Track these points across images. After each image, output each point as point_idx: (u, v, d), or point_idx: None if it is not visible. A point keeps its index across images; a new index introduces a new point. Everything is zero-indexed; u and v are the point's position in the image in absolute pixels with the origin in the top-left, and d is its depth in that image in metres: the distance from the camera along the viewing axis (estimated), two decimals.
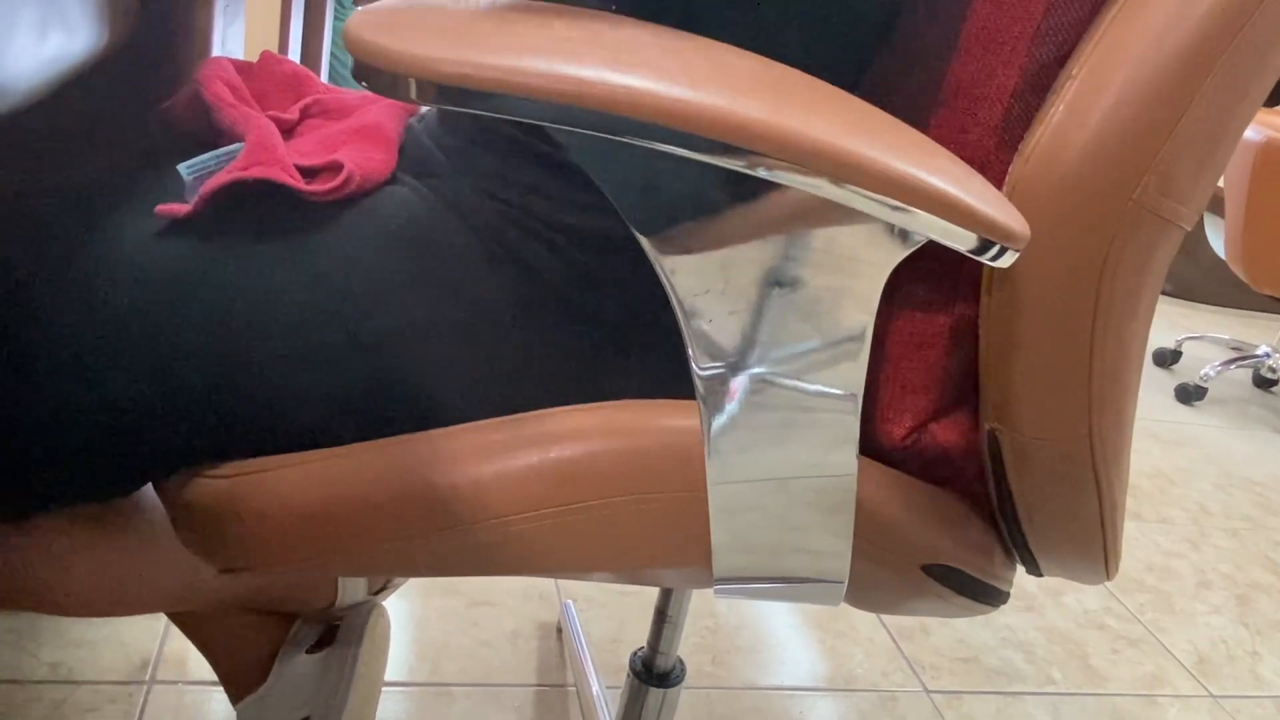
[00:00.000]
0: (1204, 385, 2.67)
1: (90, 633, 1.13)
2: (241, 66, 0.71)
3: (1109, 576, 0.64)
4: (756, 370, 0.49)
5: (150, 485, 0.58)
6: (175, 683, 1.09)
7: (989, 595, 0.64)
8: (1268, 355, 2.86)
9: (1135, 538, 1.85)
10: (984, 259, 0.43)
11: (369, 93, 0.38)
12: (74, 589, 0.65)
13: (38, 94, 0.60)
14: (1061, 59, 0.53)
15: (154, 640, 1.14)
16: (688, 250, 0.46)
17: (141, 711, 1.04)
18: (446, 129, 0.66)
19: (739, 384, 0.50)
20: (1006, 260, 0.44)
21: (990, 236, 0.43)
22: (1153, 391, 2.72)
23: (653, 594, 1.39)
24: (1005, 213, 0.43)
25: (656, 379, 0.60)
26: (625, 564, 0.57)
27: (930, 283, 0.58)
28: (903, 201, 0.42)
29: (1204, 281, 3.76)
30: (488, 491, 0.53)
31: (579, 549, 0.55)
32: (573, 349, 0.61)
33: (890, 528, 0.58)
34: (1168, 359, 2.96)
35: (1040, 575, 0.66)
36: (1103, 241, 0.52)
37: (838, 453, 0.53)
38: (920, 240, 0.45)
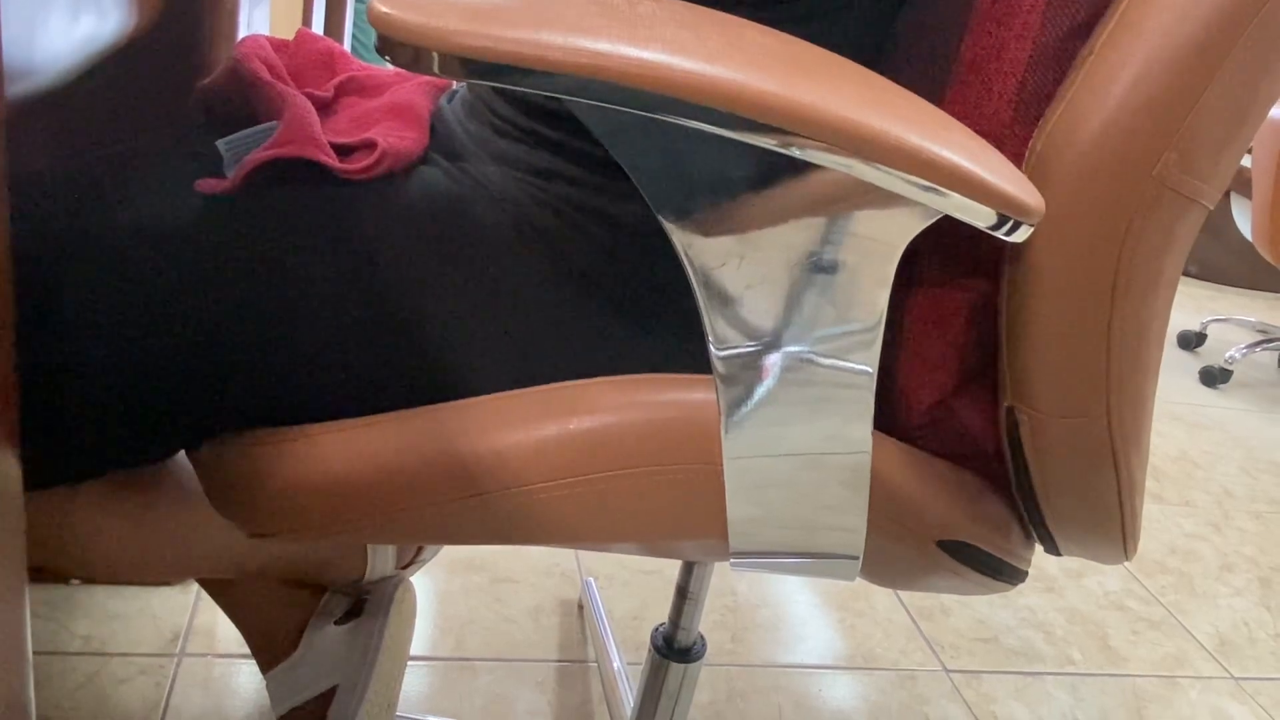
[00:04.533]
0: (1229, 368, 2.65)
1: (122, 606, 1.16)
2: (278, 44, 0.72)
3: (1127, 556, 0.64)
4: (772, 346, 0.50)
5: (183, 452, 0.60)
6: (205, 655, 1.11)
7: (1006, 573, 0.64)
8: None
9: (1158, 520, 1.84)
10: (999, 234, 0.44)
11: (402, 70, 0.39)
12: (108, 554, 0.67)
13: (71, 74, 0.61)
14: (1078, 30, 0.53)
15: (184, 613, 1.16)
16: (704, 226, 0.46)
17: (172, 682, 1.07)
18: (467, 113, 0.67)
19: (755, 359, 0.50)
20: (1020, 235, 0.44)
21: (1006, 211, 0.43)
22: (1177, 374, 2.70)
23: (673, 573, 1.40)
24: (1020, 187, 0.44)
25: (677, 355, 0.61)
26: (643, 535, 0.58)
27: (949, 258, 0.58)
28: (928, 179, 0.42)
29: (1230, 263, 3.72)
30: (509, 461, 0.54)
31: (597, 518, 0.56)
32: (596, 325, 0.62)
33: (907, 503, 0.59)
34: (1193, 341, 2.94)
35: (1058, 554, 0.66)
36: (1122, 218, 0.52)
37: (854, 428, 0.53)
38: (937, 215, 0.45)
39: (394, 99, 0.68)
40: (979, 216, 0.43)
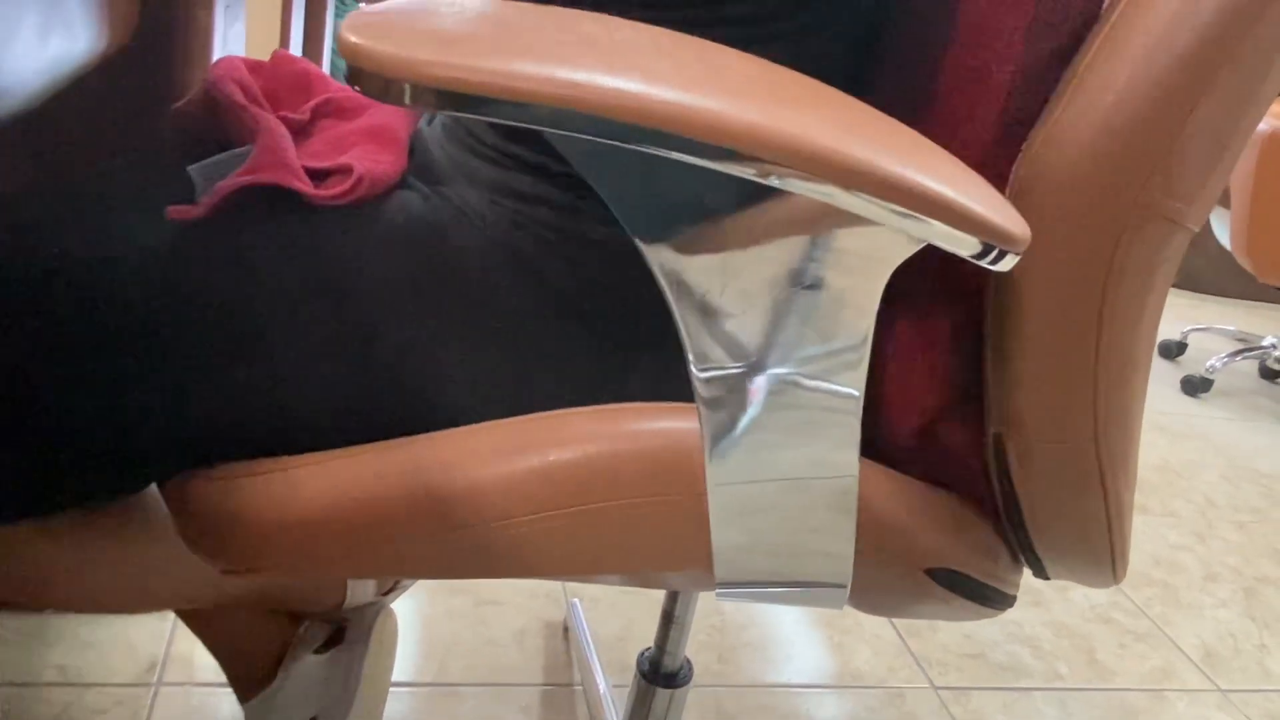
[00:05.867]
0: (1210, 377, 2.66)
1: (98, 635, 1.14)
2: (253, 65, 0.71)
3: (1116, 580, 0.64)
4: (756, 371, 0.49)
5: (155, 485, 0.59)
6: (182, 684, 1.09)
7: (994, 599, 0.63)
8: (1274, 346, 2.85)
9: (1142, 531, 1.85)
10: (983, 263, 0.43)
11: None
12: (82, 586, 0.65)
13: (41, 96, 0.60)
14: (1061, 53, 0.53)
15: (161, 642, 1.14)
16: (684, 254, 0.46)
17: (149, 713, 1.05)
18: (447, 136, 0.66)
19: (738, 386, 0.50)
20: (1006, 264, 0.43)
21: (990, 240, 0.42)
22: (1158, 383, 2.71)
23: (659, 592, 1.39)
24: (1006, 216, 0.43)
25: (661, 383, 0.60)
26: (627, 566, 0.57)
27: (934, 284, 0.58)
28: (908, 208, 0.42)
29: (1209, 272, 3.75)
30: (489, 493, 0.53)
31: (580, 551, 0.55)
32: (578, 354, 0.61)
33: (894, 531, 0.58)
34: (1173, 351, 2.95)
35: (1046, 578, 0.65)
36: (1108, 243, 0.51)
37: (840, 454, 0.52)
38: (921, 243, 0.44)
39: (371, 121, 0.67)
40: (963, 245, 0.43)
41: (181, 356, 0.54)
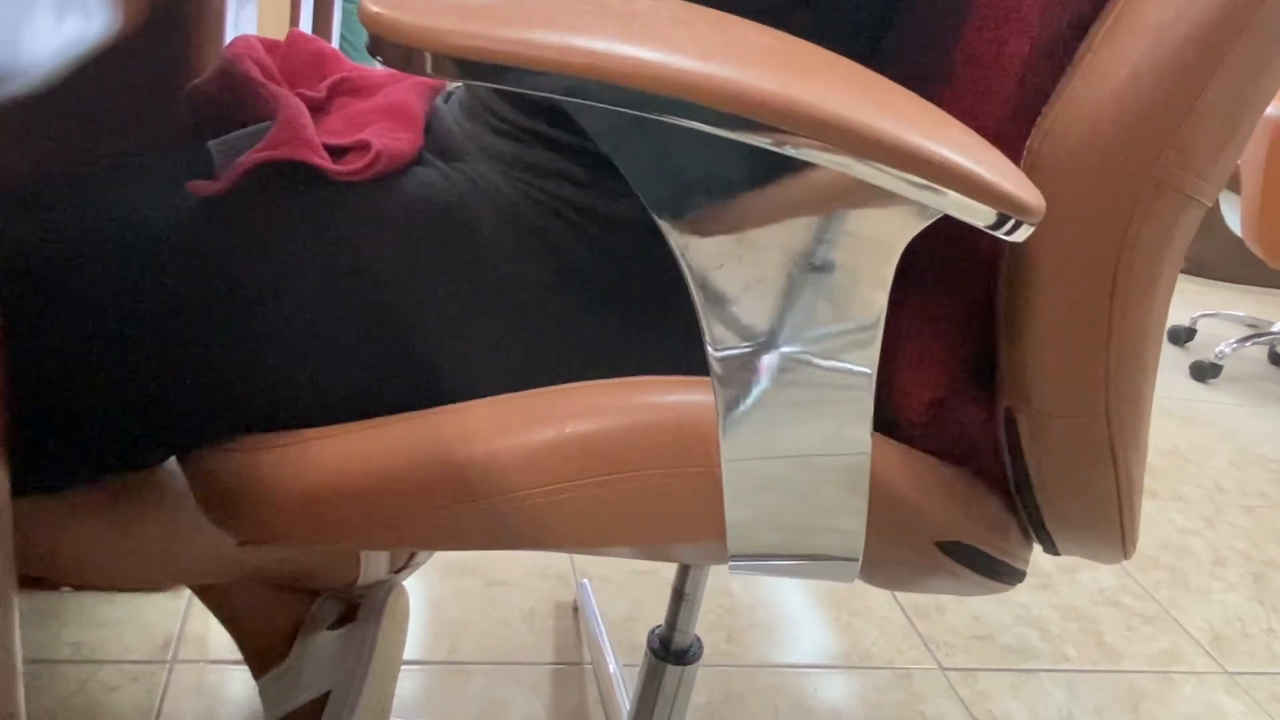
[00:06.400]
0: (1219, 363, 2.65)
1: (113, 613, 1.15)
2: (270, 44, 0.72)
3: (1126, 555, 0.64)
4: (770, 347, 0.50)
5: (174, 458, 0.59)
6: (197, 661, 1.10)
7: (1005, 573, 0.64)
8: None
9: (1150, 515, 1.85)
10: (999, 233, 0.43)
11: (394, 70, 0.39)
12: (98, 560, 0.66)
13: (57, 76, 0.61)
14: (1077, 27, 0.53)
15: (175, 620, 1.15)
16: (701, 226, 0.46)
17: (164, 690, 1.06)
18: (464, 113, 0.66)
19: (753, 361, 0.50)
20: (1021, 234, 0.44)
21: (1006, 210, 0.42)
22: (1168, 369, 2.70)
23: (668, 573, 1.40)
24: (1020, 186, 0.43)
25: (676, 357, 0.61)
26: (640, 539, 0.57)
27: (947, 257, 0.58)
28: (924, 177, 0.42)
29: (1219, 258, 3.73)
30: (505, 466, 0.54)
31: (595, 524, 0.56)
32: (594, 327, 0.61)
33: (906, 505, 0.59)
34: (1183, 336, 2.95)
35: (1057, 554, 0.66)
36: (1122, 217, 0.51)
37: (853, 430, 0.53)
38: (936, 215, 0.45)
39: (388, 99, 0.68)
40: (978, 215, 0.43)
41: (200, 330, 0.55)
